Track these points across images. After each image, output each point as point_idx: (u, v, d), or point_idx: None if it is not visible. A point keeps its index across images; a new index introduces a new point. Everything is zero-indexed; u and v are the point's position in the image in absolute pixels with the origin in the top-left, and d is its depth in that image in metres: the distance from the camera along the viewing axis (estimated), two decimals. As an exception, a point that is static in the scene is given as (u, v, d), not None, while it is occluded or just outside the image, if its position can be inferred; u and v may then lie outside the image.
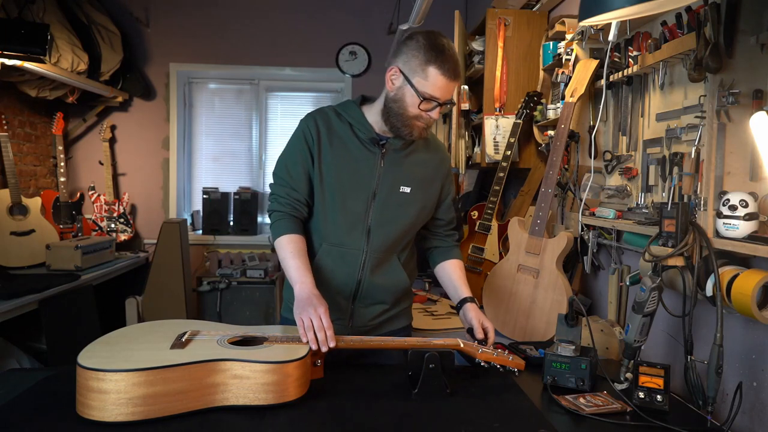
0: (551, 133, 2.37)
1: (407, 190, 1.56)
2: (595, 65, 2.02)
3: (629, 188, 1.92)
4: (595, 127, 2.05)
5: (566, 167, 2.21)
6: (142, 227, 4.34)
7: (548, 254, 2.05)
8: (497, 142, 2.76)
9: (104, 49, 3.73)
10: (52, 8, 3.35)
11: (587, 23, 1.38)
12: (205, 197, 4.24)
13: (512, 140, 2.57)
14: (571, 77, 2.12)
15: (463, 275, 1.68)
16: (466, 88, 3.03)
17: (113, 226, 4.12)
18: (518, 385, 1.41)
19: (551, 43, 2.45)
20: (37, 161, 3.93)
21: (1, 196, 3.29)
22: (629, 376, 1.38)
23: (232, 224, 4.31)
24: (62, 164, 3.88)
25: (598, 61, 2.02)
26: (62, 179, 3.87)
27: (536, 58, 2.69)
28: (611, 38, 1.72)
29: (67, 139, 4.16)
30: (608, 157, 2.03)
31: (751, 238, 1.26)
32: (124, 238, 4.14)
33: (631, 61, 1.82)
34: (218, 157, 4.49)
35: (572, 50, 2.19)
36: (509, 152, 2.55)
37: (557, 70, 2.33)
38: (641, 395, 1.27)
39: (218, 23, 4.30)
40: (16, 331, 3.08)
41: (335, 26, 4.35)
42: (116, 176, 4.29)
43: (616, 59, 1.92)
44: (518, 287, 2.10)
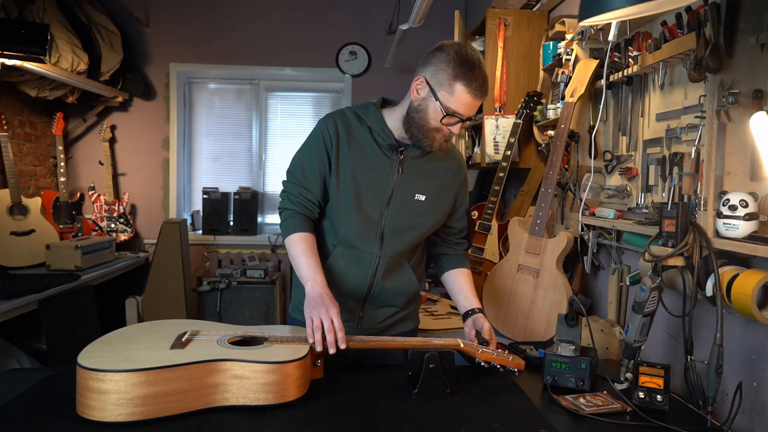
0: (551, 133, 2.37)
1: (422, 198, 1.55)
2: (595, 65, 2.02)
3: (629, 188, 1.92)
4: (595, 127, 2.05)
5: (566, 167, 2.21)
6: (142, 227, 4.34)
7: (548, 254, 2.05)
8: (497, 142, 2.76)
9: (104, 49, 3.73)
10: (52, 8, 3.35)
11: (587, 23, 1.38)
12: (205, 197, 4.24)
13: (512, 140, 2.57)
14: (571, 77, 2.12)
15: (472, 285, 1.67)
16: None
17: (113, 226, 4.12)
18: (518, 385, 1.41)
19: (551, 43, 2.45)
20: (37, 161, 3.93)
21: (1, 196, 3.29)
22: (629, 376, 1.38)
23: (232, 224, 4.31)
24: (62, 164, 3.88)
25: (598, 61, 2.02)
26: (62, 179, 3.87)
27: (536, 58, 2.69)
28: (611, 38, 1.72)
29: (67, 139, 4.16)
30: (608, 157, 2.03)
31: (751, 238, 1.26)
32: (124, 238, 4.13)
33: (631, 61, 1.82)
34: (218, 157, 4.49)
35: (572, 50, 2.19)
36: (509, 152, 2.55)
37: (557, 70, 2.33)
38: (641, 395, 1.27)
39: (218, 23, 4.30)
40: (16, 331, 3.08)
41: (335, 26, 4.35)
42: (116, 176, 4.29)
43: (616, 59, 1.91)
44: (518, 287, 2.10)
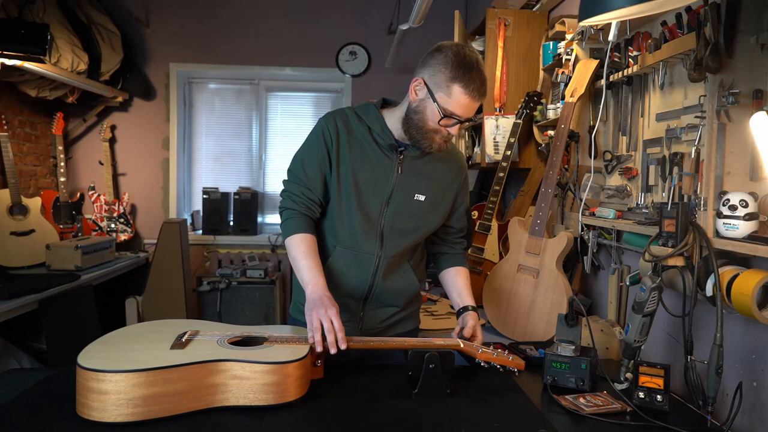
0: (551, 133, 2.37)
1: (422, 198, 1.55)
2: (595, 65, 2.02)
3: (629, 188, 1.92)
4: (595, 127, 2.05)
5: (566, 167, 2.21)
6: (142, 227, 4.34)
7: (548, 254, 2.05)
8: (497, 142, 2.76)
9: (104, 49, 3.73)
10: (52, 8, 3.35)
11: (587, 23, 1.38)
12: (205, 197, 4.24)
13: (512, 140, 2.57)
14: (571, 77, 2.12)
15: (468, 283, 1.67)
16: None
17: (113, 226, 4.12)
18: (518, 385, 1.41)
19: (551, 43, 2.45)
20: (37, 161, 3.93)
21: (1, 196, 3.29)
22: (629, 376, 1.38)
23: (232, 224, 4.31)
24: (62, 164, 3.88)
25: (598, 61, 2.02)
26: (62, 179, 3.87)
27: (536, 58, 2.69)
28: (611, 38, 1.72)
29: (67, 139, 4.16)
30: (608, 157, 2.03)
31: (751, 238, 1.26)
32: (124, 238, 4.13)
33: (631, 61, 1.82)
34: (218, 157, 4.49)
35: (572, 50, 2.19)
36: (509, 152, 2.55)
37: (557, 70, 2.33)
38: (641, 395, 1.27)
39: (218, 23, 4.30)
40: (16, 331, 3.08)
41: (335, 26, 4.35)
42: (116, 176, 4.29)
43: (616, 59, 1.91)
44: (518, 287, 2.10)
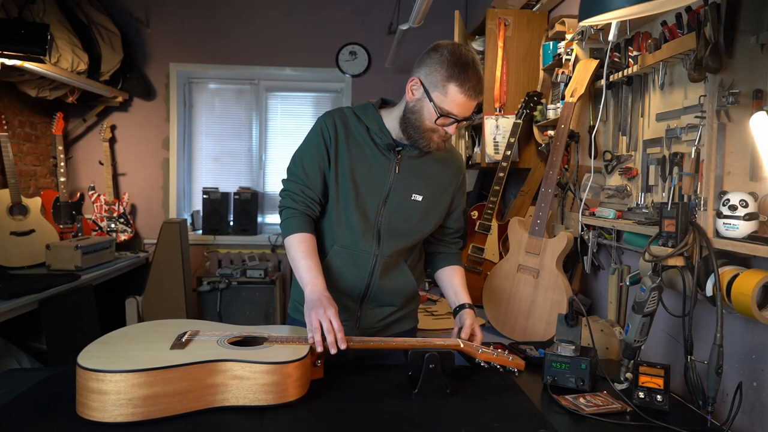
0: (551, 133, 2.37)
1: (419, 198, 1.55)
2: (595, 65, 2.02)
3: (629, 188, 1.92)
4: (595, 127, 2.05)
5: (566, 167, 2.21)
6: (142, 227, 4.34)
7: (548, 254, 2.05)
8: (497, 142, 2.76)
9: (104, 49, 3.73)
10: (52, 8, 3.35)
11: (587, 23, 1.38)
12: (205, 197, 4.24)
13: (512, 140, 2.57)
14: (571, 77, 2.12)
15: (464, 282, 1.67)
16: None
17: (113, 226, 4.12)
18: (518, 385, 1.41)
19: (551, 43, 2.45)
20: (37, 161, 3.93)
21: (1, 196, 3.29)
22: (629, 376, 1.38)
23: (232, 224, 4.31)
24: (62, 164, 3.88)
25: (598, 61, 2.02)
26: (62, 179, 3.87)
27: (536, 58, 2.69)
28: (611, 38, 1.72)
29: (67, 139, 4.16)
30: (608, 157, 2.03)
31: (751, 238, 1.26)
32: (124, 238, 4.14)
33: (631, 61, 1.82)
34: (218, 157, 4.49)
35: (572, 50, 2.19)
36: (509, 152, 2.55)
37: (557, 70, 2.33)
38: (641, 395, 1.27)
39: (218, 23, 4.30)
40: (16, 331, 3.08)
41: (335, 26, 4.35)
42: (116, 176, 4.29)
43: (616, 59, 1.91)
44: (518, 287, 2.10)
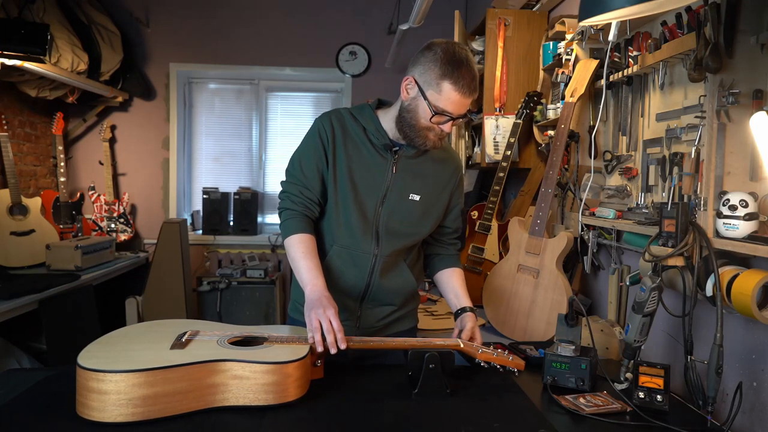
0: (551, 133, 2.37)
1: (416, 197, 1.55)
2: (595, 65, 2.02)
3: (629, 188, 1.92)
4: (595, 127, 2.05)
5: (566, 167, 2.21)
6: (142, 227, 4.34)
7: (548, 254, 2.05)
8: (497, 142, 2.76)
9: (104, 49, 3.73)
10: (52, 8, 3.35)
11: (587, 23, 1.38)
12: (205, 197, 4.24)
13: (512, 140, 2.57)
14: (571, 77, 2.12)
15: (464, 284, 1.68)
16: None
17: (113, 226, 4.12)
18: (518, 385, 1.41)
19: (551, 43, 2.45)
20: (37, 161, 3.93)
21: (1, 196, 3.29)
22: (629, 376, 1.38)
23: (232, 224, 4.31)
24: (62, 164, 3.88)
25: (598, 61, 2.02)
26: (62, 179, 3.87)
27: (536, 58, 2.69)
28: (611, 38, 1.72)
29: (67, 139, 4.16)
30: (608, 157, 2.03)
31: (751, 238, 1.26)
32: (124, 238, 4.14)
33: (631, 61, 1.82)
34: (218, 157, 4.49)
35: (572, 50, 2.19)
36: (509, 152, 2.55)
37: (557, 70, 2.33)
38: (641, 395, 1.27)
39: (218, 23, 4.30)
40: (16, 331, 3.08)
41: (335, 26, 4.35)
42: (116, 176, 4.29)
43: (616, 59, 1.91)
44: (518, 287, 2.10)
